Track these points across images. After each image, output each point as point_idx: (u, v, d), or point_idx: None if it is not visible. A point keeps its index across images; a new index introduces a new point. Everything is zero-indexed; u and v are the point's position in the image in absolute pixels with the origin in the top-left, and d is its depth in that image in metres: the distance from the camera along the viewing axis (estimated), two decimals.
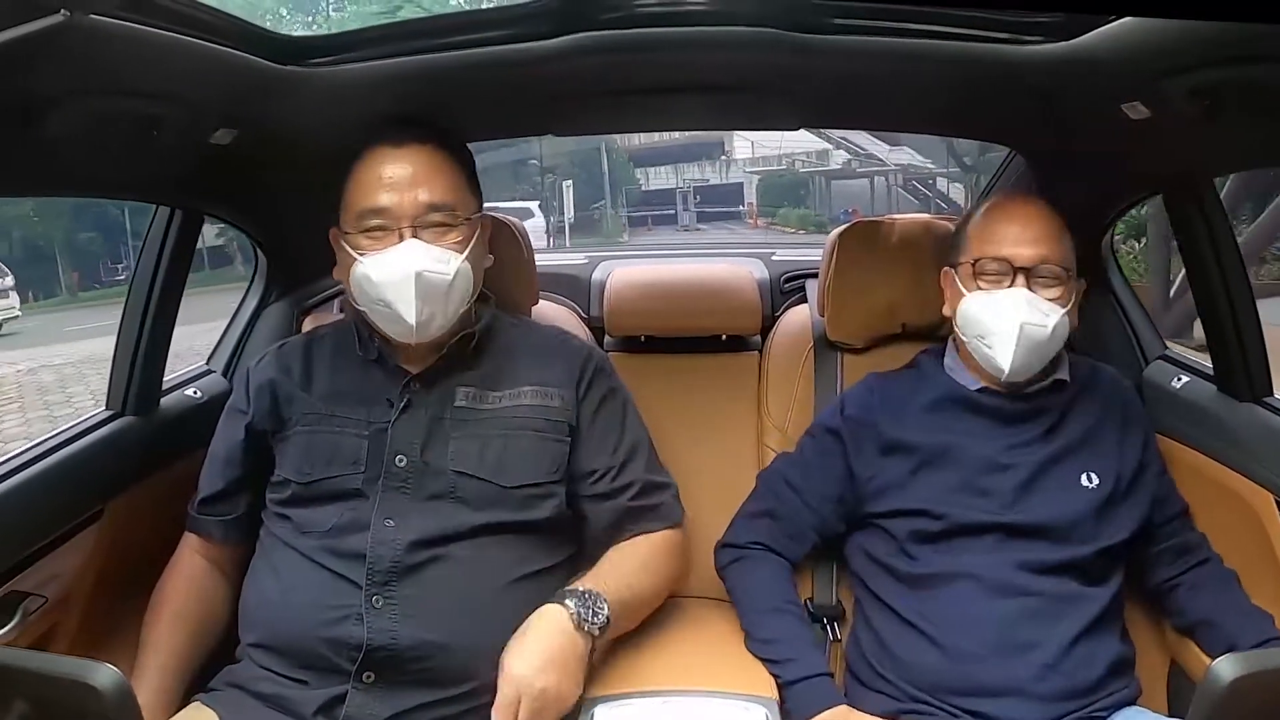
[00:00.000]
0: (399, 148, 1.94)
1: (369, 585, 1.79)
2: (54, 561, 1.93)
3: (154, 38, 1.57)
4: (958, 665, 1.89)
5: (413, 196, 1.90)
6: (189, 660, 1.97)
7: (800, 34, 1.85)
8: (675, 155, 26.33)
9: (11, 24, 1.27)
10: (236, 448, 2.03)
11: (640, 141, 25.72)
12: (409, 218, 1.89)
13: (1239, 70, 1.60)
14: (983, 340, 2.03)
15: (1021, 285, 2.00)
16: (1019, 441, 2.05)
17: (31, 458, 1.95)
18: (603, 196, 23.72)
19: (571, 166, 23.49)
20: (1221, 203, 2.12)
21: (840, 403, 2.21)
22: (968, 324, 2.06)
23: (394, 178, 1.91)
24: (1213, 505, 2.10)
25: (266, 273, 2.66)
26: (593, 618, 1.77)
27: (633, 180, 25.95)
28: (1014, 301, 1.99)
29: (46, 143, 1.63)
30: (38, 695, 1.29)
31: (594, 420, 2.00)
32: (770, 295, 2.79)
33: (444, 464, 1.89)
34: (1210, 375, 2.18)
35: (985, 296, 2.02)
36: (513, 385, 1.98)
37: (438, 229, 1.91)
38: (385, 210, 1.90)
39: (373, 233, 1.92)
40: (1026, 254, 2.01)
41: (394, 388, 1.95)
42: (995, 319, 2.00)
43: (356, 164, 1.96)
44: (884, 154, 24.18)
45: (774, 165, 25.43)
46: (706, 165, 26.68)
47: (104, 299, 16.73)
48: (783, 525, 2.14)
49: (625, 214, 23.93)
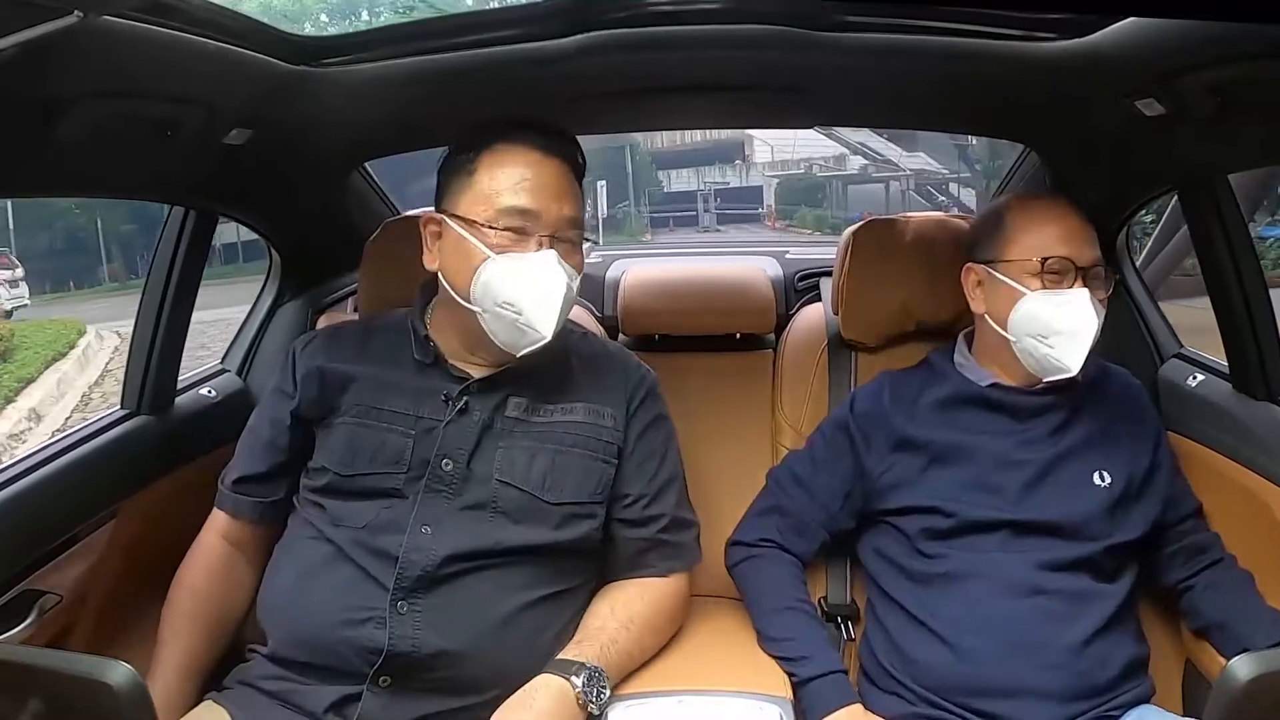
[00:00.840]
0: (548, 156, 1.89)
1: (396, 591, 1.77)
2: (69, 560, 1.94)
3: (168, 39, 1.57)
4: (970, 666, 1.88)
5: (558, 208, 1.87)
6: (204, 655, 1.96)
7: (812, 31, 1.84)
8: (697, 158, 26.62)
9: (26, 26, 1.28)
10: (282, 431, 1.99)
11: (663, 144, 26.04)
12: (551, 227, 1.86)
13: (1254, 66, 1.59)
14: (1043, 340, 2.00)
15: (1081, 285, 1.99)
16: (1030, 438, 2.04)
17: (46, 457, 1.96)
18: (627, 197, 23.96)
19: (599, 167, 23.74)
20: (1236, 200, 2.11)
21: (851, 399, 2.21)
22: (1026, 323, 2.02)
23: (542, 182, 1.87)
24: (1228, 504, 2.09)
25: (281, 272, 2.67)
26: (596, 698, 1.74)
27: (655, 182, 26.28)
28: (1084, 303, 1.97)
29: (62, 144, 1.63)
30: (53, 693, 1.30)
31: (638, 444, 1.99)
32: (784, 294, 2.80)
33: (488, 473, 1.87)
34: (1226, 374, 2.17)
35: (1053, 297, 1.99)
36: (566, 400, 1.96)
37: (569, 245, 1.89)
38: (532, 213, 1.85)
39: (511, 233, 1.85)
40: (1087, 254, 2.00)
41: (452, 388, 1.91)
42: (1066, 319, 1.98)
43: (498, 155, 1.89)
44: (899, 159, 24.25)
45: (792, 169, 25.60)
46: (727, 168, 26.95)
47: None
48: (791, 522, 2.14)
49: (648, 215, 24.16)
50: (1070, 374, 1.98)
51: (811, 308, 2.68)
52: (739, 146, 26.38)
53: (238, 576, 2.03)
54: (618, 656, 1.82)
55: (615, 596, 1.94)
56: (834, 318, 2.47)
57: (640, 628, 1.89)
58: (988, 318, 2.09)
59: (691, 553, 2.02)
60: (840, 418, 2.19)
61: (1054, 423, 2.05)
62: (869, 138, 21.31)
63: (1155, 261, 5.65)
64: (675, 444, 2.06)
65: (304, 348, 2.03)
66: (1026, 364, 2.04)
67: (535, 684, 1.73)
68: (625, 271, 2.81)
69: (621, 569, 1.98)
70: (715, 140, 25.14)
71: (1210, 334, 2.22)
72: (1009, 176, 2.76)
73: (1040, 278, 2.01)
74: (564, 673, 1.74)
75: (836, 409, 2.24)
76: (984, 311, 2.10)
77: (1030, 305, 2.01)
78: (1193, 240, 2.21)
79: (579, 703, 1.72)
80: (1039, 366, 2.02)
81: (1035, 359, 2.02)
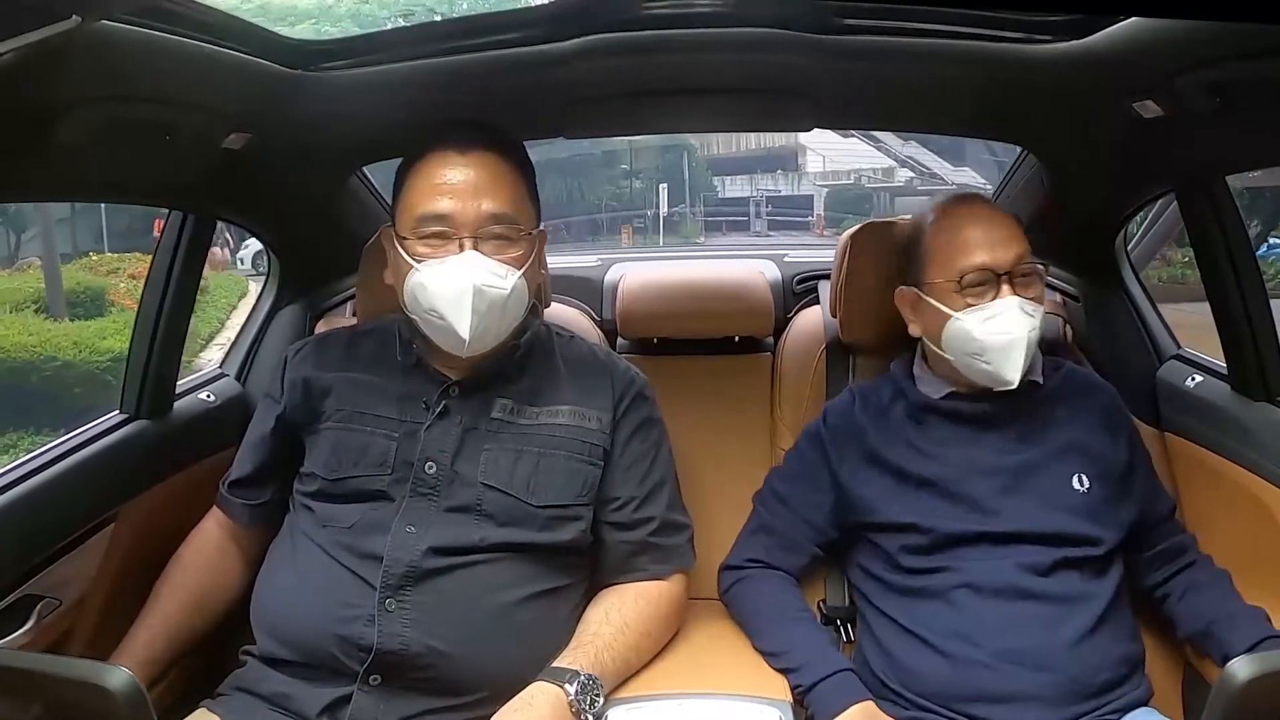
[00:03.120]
0: (464, 154, 1.87)
1: (383, 589, 1.78)
2: (68, 565, 1.94)
3: (166, 43, 1.58)
4: (963, 673, 1.88)
5: (476, 205, 1.84)
6: (181, 624, 1.99)
7: (811, 34, 1.85)
8: (751, 165, 26.96)
9: (25, 30, 1.28)
10: (266, 435, 2.04)
11: (719, 150, 26.56)
12: (470, 227, 1.83)
13: (1251, 67, 1.60)
14: (978, 357, 1.98)
15: (1008, 293, 1.96)
16: (998, 445, 2.03)
17: (45, 461, 1.96)
18: (683, 200, 24.26)
19: (657, 172, 23.95)
20: (1234, 201, 2.11)
21: (824, 413, 2.21)
22: (958, 343, 2.01)
23: (457, 184, 1.85)
24: (1226, 505, 2.09)
25: (280, 276, 2.67)
26: (589, 706, 1.73)
27: (710, 187, 26.62)
28: (1011, 314, 1.95)
29: (61, 147, 1.63)
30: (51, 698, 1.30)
31: (626, 446, 1.98)
32: (783, 297, 2.79)
33: (473, 475, 1.87)
34: (1224, 375, 2.17)
35: (979, 313, 1.97)
36: (552, 403, 1.95)
37: (498, 241, 1.85)
38: (446, 217, 1.84)
39: (431, 240, 1.85)
40: (1004, 256, 1.97)
41: (432, 392, 1.92)
42: (994, 335, 1.96)
43: (416, 164, 1.90)
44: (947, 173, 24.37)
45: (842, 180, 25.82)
46: (780, 176, 27.21)
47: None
48: (778, 539, 2.14)
49: (702, 218, 24.47)
50: (1011, 386, 1.97)
51: (810, 311, 2.68)
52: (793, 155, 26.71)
53: (228, 564, 2.08)
54: (613, 662, 1.82)
55: (609, 601, 1.93)
56: (832, 321, 2.47)
57: (636, 632, 1.89)
58: (925, 339, 2.10)
59: (684, 555, 2.01)
60: (814, 431, 2.18)
61: (1021, 428, 2.04)
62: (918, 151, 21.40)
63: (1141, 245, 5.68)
64: (667, 446, 2.05)
65: (295, 355, 2.06)
66: (971, 378, 2.03)
67: (529, 691, 1.73)
68: (623, 275, 2.81)
69: (613, 573, 1.97)
70: (769, 149, 25.54)
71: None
72: (1007, 178, 2.76)
73: (962, 295, 1.99)
74: (558, 680, 1.74)
75: (809, 422, 2.23)
76: (920, 334, 2.11)
77: (958, 326, 1.99)
78: (1190, 242, 2.21)
79: (572, 710, 1.72)
80: (983, 380, 2.01)
81: (976, 374, 2.02)
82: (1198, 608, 2.00)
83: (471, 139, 1.89)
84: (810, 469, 2.14)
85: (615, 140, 20.04)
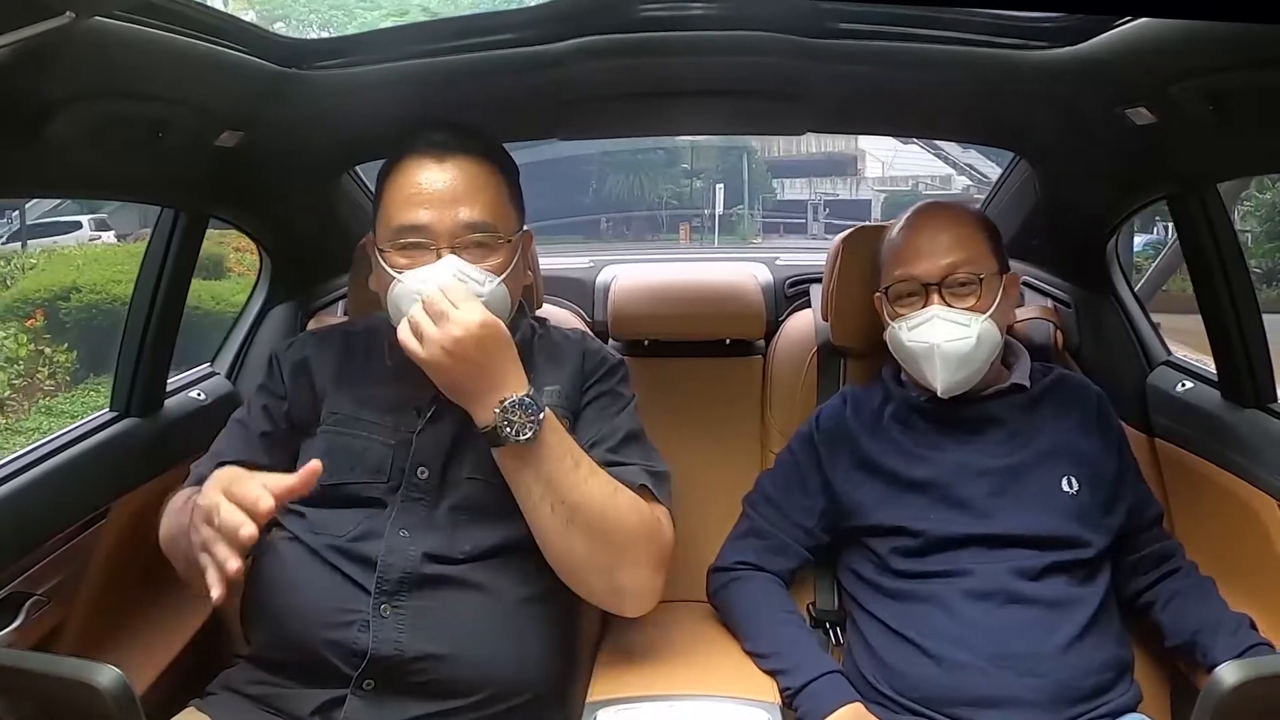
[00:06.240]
0: (441, 160, 1.85)
1: (378, 594, 1.76)
2: (58, 562, 1.93)
3: (160, 40, 1.57)
4: (953, 676, 1.88)
5: (452, 215, 1.81)
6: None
7: (805, 38, 1.85)
8: (810, 169, 27.25)
9: (17, 26, 1.27)
10: (274, 430, 1.96)
11: (780, 153, 26.85)
12: (448, 237, 1.81)
13: (1243, 75, 1.60)
14: (911, 365, 2.06)
15: (936, 303, 2.01)
16: (987, 449, 2.04)
17: (36, 458, 1.95)
18: (741, 201, 24.39)
19: (716, 172, 24.10)
20: (1225, 208, 2.11)
21: (816, 415, 2.22)
22: (895, 349, 2.10)
23: (434, 193, 1.82)
24: (1216, 511, 2.10)
25: (271, 275, 2.66)
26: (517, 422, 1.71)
27: (770, 189, 26.83)
28: (934, 324, 2.00)
29: (54, 144, 1.63)
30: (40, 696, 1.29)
31: (583, 413, 1.95)
32: (774, 300, 2.79)
33: (461, 475, 1.85)
34: (1214, 381, 2.18)
35: (907, 323, 2.04)
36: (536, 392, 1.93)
37: (478, 249, 1.83)
38: (423, 228, 1.81)
39: (409, 251, 1.83)
40: (931, 267, 2.02)
41: (423, 398, 1.88)
42: (918, 344, 2.02)
43: (393, 172, 1.88)
44: None
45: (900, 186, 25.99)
46: (838, 180, 27.45)
47: None
48: (768, 542, 2.14)
49: (760, 220, 24.60)
50: (944, 394, 2.01)
51: (801, 314, 2.68)
52: (852, 160, 26.94)
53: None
54: (571, 453, 1.77)
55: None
56: (824, 324, 2.47)
57: (598, 470, 1.81)
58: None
59: (632, 478, 1.86)
60: (806, 434, 2.19)
61: (1010, 431, 2.05)
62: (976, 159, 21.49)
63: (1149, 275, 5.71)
64: (631, 414, 1.98)
65: (287, 349, 2.03)
66: (923, 385, 2.07)
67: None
68: (615, 277, 2.81)
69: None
70: (829, 152, 25.84)
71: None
72: (999, 184, 2.77)
73: (895, 304, 2.06)
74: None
75: (801, 425, 2.24)
76: (887, 339, 2.14)
77: (893, 335, 2.08)
78: (1182, 248, 2.22)
79: (501, 398, 1.70)
80: (927, 386, 2.05)
81: (920, 380, 2.07)
82: (1183, 615, 2.00)
83: (449, 144, 1.87)
84: (801, 472, 2.15)
85: (677, 139, 20.18)
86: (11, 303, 10.56)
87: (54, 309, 10.27)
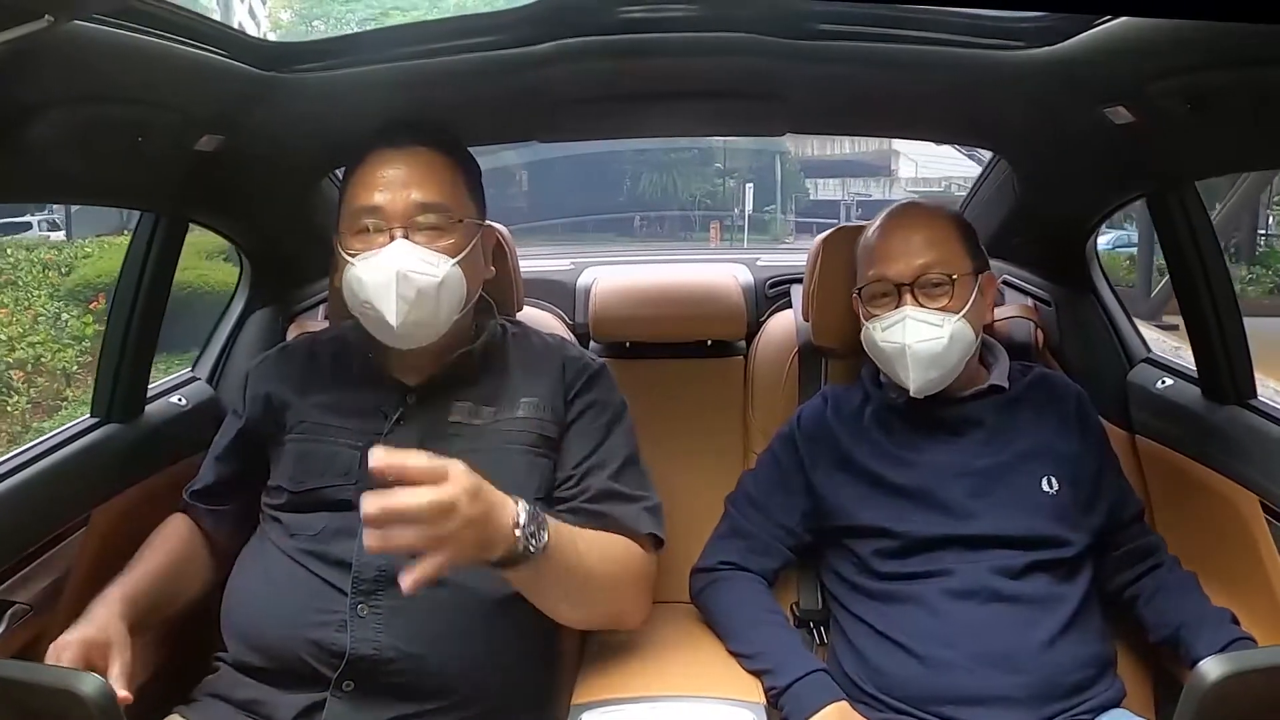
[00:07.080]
0: (398, 149, 1.90)
1: (354, 594, 1.77)
2: (39, 569, 1.92)
3: (139, 44, 1.57)
4: (937, 675, 1.88)
5: (405, 195, 1.85)
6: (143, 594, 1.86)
7: (784, 39, 1.85)
8: (843, 169, 27.42)
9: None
10: (229, 446, 2.05)
11: (813, 153, 27.05)
12: (400, 217, 1.84)
13: (1222, 74, 1.61)
14: (886, 365, 2.07)
15: (908, 303, 2.01)
16: (967, 450, 2.05)
17: (15, 465, 1.94)
18: (774, 201, 24.49)
19: (749, 171, 24.24)
20: (1204, 206, 2.13)
21: (797, 415, 2.22)
22: (872, 351, 2.10)
23: (388, 177, 1.87)
24: (1197, 508, 2.11)
25: (251, 279, 2.65)
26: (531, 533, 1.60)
27: (802, 189, 27.00)
28: (901, 326, 2.01)
29: (32, 148, 1.62)
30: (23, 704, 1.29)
31: (572, 427, 1.96)
32: (755, 301, 2.80)
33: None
34: (1194, 378, 2.19)
35: (879, 324, 2.05)
36: (509, 400, 1.93)
37: (431, 231, 1.86)
38: (377, 209, 1.85)
39: (364, 234, 1.86)
40: (904, 268, 2.03)
41: (390, 401, 1.92)
42: (887, 344, 2.03)
43: (355, 167, 1.92)
44: None
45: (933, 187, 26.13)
46: (871, 181, 27.59)
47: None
48: (750, 542, 2.14)
49: (793, 220, 24.71)
50: (916, 394, 2.02)
51: (782, 314, 2.69)
52: (886, 161, 27.06)
53: (198, 550, 2.05)
54: (569, 537, 1.72)
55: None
56: (805, 324, 2.48)
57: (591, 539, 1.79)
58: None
59: (636, 521, 1.89)
60: (788, 434, 2.20)
61: (990, 431, 2.06)
62: None
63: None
64: (622, 428, 1.99)
65: (257, 366, 2.07)
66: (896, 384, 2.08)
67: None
68: (596, 278, 2.81)
69: None
70: (862, 153, 26.03)
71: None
72: (978, 184, 2.78)
73: (868, 304, 2.08)
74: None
75: (783, 425, 2.25)
76: (862, 339, 2.14)
77: (867, 335, 2.09)
78: (1161, 246, 2.23)
79: (515, 524, 1.59)
80: (902, 385, 2.05)
81: (896, 380, 2.06)
82: (1166, 610, 2.01)
83: (407, 136, 1.92)
84: (783, 472, 2.15)
85: (710, 139, 20.16)
86: (74, 287, 11.09)
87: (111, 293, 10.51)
